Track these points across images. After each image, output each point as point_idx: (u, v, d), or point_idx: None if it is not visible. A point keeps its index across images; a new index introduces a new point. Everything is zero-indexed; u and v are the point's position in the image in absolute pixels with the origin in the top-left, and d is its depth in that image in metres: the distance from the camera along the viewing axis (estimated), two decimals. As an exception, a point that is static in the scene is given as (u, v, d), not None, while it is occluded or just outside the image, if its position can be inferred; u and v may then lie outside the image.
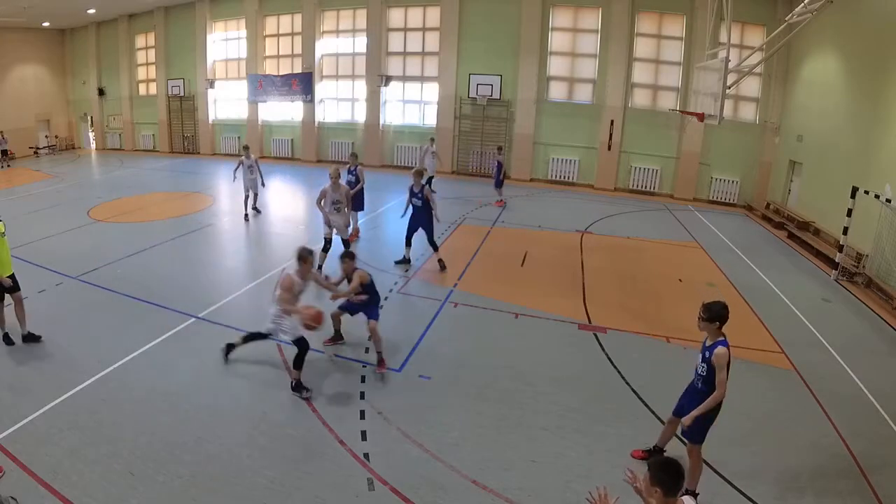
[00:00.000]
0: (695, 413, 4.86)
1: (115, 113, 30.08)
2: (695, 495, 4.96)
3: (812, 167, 15.98)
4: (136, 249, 11.75)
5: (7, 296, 7.23)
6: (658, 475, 3.11)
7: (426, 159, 18.24)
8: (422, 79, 23.49)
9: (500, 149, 18.08)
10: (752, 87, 19.28)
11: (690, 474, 4.93)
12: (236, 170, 14.73)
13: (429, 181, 16.29)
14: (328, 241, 10.48)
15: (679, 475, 3.11)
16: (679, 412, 5.20)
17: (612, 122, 20.68)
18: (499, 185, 17.62)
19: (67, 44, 30.37)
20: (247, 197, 14.79)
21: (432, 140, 19.89)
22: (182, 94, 27.65)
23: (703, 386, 4.93)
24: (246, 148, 15.04)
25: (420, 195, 10.69)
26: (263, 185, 15.12)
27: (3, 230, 7.17)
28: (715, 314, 4.84)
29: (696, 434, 4.96)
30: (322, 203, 10.38)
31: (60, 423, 5.71)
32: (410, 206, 10.90)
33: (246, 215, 14.76)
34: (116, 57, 28.99)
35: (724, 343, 4.84)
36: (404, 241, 11.14)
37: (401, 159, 24.02)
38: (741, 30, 18.83)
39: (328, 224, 10.45)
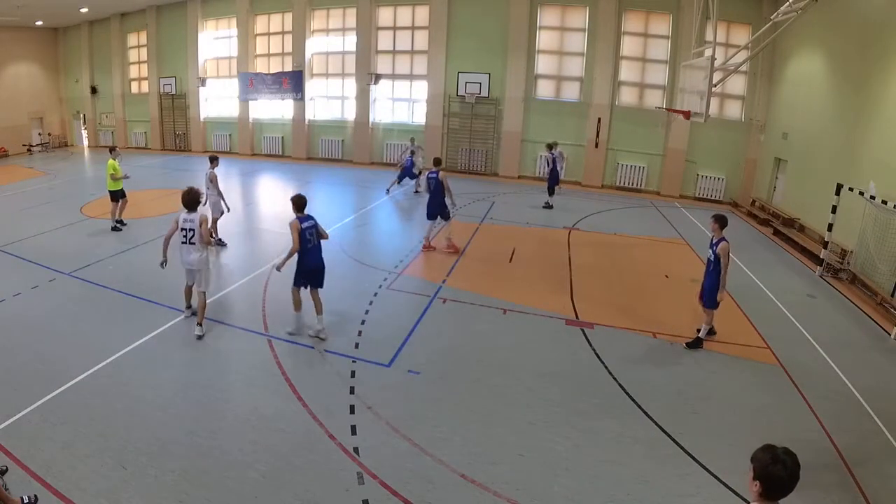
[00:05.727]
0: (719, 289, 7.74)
1: (107, 111, 29.97)
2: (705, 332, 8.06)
3: (797, 164, 16.13)
4: (127, 246, 11.80)
5: None
6: (755, 465, 2.69)
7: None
8: (411, 77, 23.54)
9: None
10: (737, 85, 19.47)
11: (706, 320, 8.09)
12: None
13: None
14: None
15: (786, 475, 2.59)
16: (702, 292, 7.99)
17: (599, 119, 20.83)
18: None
19: (60, 42, 30.21)
20: None
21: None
22: (174, 92, 27.57)
23: (713, 270, 7.73)
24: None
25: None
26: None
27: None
28: (724, 221, 7.78)
29: (710, 302, 7.84)
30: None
31: (54, 418, 5.76)
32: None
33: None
34: (109, 55, 28.88)
35: (725, 240, 7.65)
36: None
37: (390, 156, 24.04)
38: (727, 28, 19.00)
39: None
